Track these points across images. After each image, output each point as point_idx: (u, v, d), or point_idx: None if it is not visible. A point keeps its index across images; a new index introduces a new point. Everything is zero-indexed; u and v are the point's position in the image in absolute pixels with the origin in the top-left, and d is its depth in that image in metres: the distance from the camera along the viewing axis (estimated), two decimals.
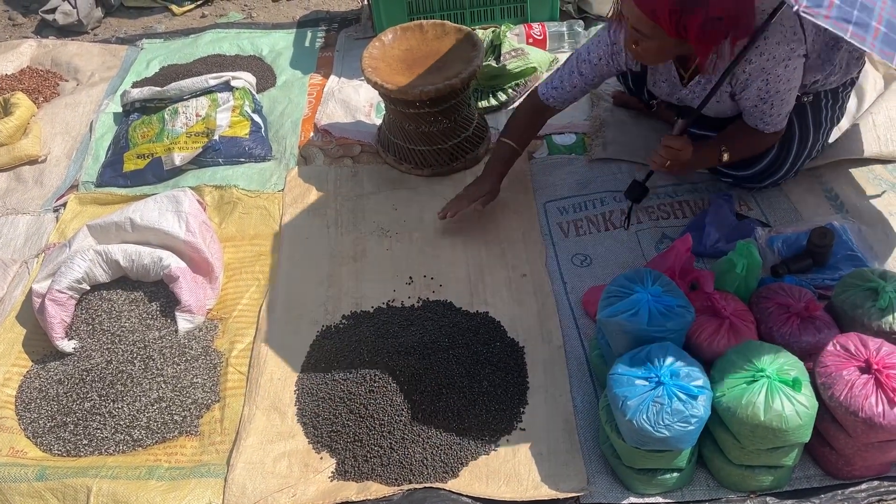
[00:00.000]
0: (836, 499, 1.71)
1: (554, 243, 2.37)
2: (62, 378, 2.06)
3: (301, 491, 1.80)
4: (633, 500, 1.74)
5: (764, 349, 1.67)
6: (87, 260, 2.16)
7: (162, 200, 2.35)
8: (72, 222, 2.57)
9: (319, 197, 2.59)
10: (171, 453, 1.92)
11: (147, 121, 2.83)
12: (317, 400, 1.98)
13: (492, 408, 1.92)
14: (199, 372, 2.07)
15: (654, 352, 1.66)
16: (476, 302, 2.21)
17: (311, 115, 2.93)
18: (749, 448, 1.62)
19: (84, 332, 2.15)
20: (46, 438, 1.95)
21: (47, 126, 3.00)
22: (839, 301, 1.85)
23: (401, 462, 1.81)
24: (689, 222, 2.34)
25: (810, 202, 2.38)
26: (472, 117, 2.63)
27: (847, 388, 1.59)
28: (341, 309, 2.22)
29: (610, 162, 2.60)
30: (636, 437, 1.61)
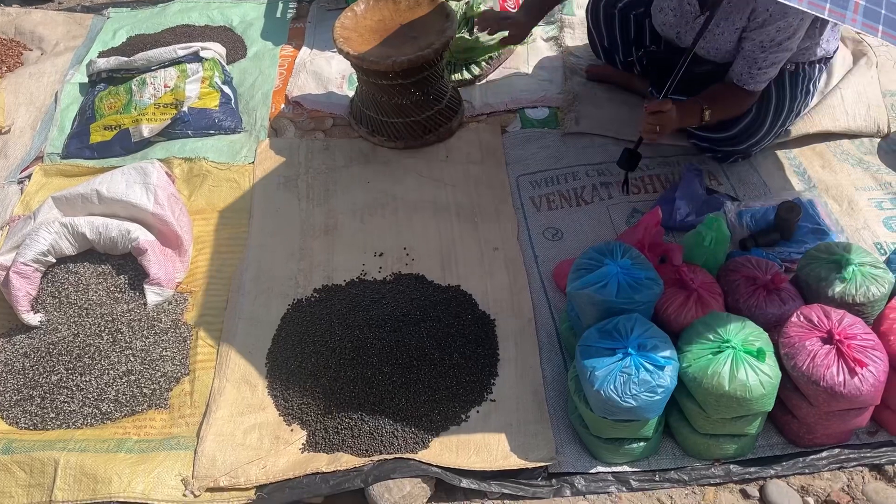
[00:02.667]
0: (798, 466, 1.75)
1: (526, 217, 2.37)
2: (28, 351, 2.03)
3: (272, 462, 1.80)
4: (600, 468, 1.77)
5: (730, 320, 1.69)
6: (52, 232, 2.13)
7: (129, 172, 2.31)
8: (37, 194, 2.52)
9: (291, 170, 2.57)
10: (141, 426, 1.91)
11: (114, 91, 2.77)
12: (287, 373, 1.97)
13: (462, 379, 1.93)
14: (168, 345, 2.05)
15: (622, 323, 1.67)
16: (448, 275, 2.21)
17: (282, 86, 2.90)
18: (714, 417, 1.65)
19: (50, 305, 2.11)
20: (13, 412, 1.93)
21: (11, 96, 2.93)
22: (804, 273, 1.88)
23: (371, 433, 1.82)
24: (659, 196, 2.36)
25: (779, 177, 2.40)
26: (445, 90, 2.61)
27: (809, 359, 1.62)
28: (313, 282, 2.22)
29: (583, 136, 2.60)
30: (604, 407, 1.63)
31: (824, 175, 2.40)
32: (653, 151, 2.51)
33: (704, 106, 2.14)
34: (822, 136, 2.51)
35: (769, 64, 2.09)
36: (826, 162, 2.44)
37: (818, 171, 2.41)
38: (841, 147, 2.49)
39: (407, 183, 2.50)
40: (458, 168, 2.54)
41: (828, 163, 2.44)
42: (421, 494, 1.73)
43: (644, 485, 1.75)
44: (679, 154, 2.50)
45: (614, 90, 2.75)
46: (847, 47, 2.81)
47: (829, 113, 2.50)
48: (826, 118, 2.49)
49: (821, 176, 2.40)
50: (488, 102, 2.77)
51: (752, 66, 2.10)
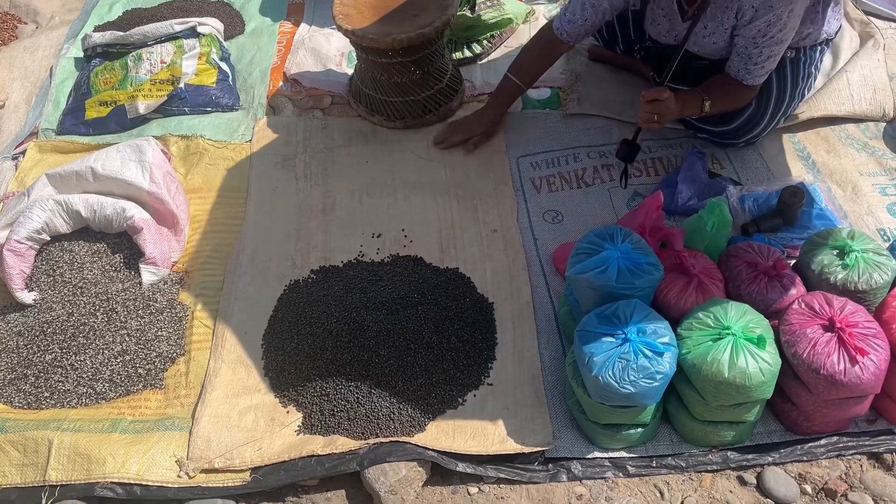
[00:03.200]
0: (796, 453, 1.74)
1: (526, 199, 2.35)
2: (22, 330, 2.01)
3: (267, 444, 1.79)
4: (597, 454, 1.76)
5: (730, 307, 1.67)
6: (46, 210, 2.10)
7: (125, 150, 2.28)
8: (31, 171, 2.49)
9: (288, 149, 2.54)
10: (135, 406, 1.89)
11: (109, 67, 2.73)
12: (284, 354, 1.96)
13: (460, 363, 1.91)
14: (163, 325, 2.04)
15: (621, 308, 1.65)
16: (446, 258, 2.19)
17: (280, 63, 2.86)
18: (713, 404, 1.64)
19: (45, 283, 2.09)
20: (6, 391, 1.91)
21: (5, 70, 2.89)
22: (806, 260, 1.86)
23: (367, 416, 1.81)
24: (661, 180, 2.33)
25: (782, 161, 2.38)
26: (445, 69, 2.57)
27: (810, 346, 1.60)
28: (310, 263, 2.19)
29: (585, 117, 2.57)
30: (602, 393, 1.62)
31: (828, 160, 2.37)
32: (655, 135, 2.48)
33: (705, 97, 2.09)
34: (827, 120, 2.47)
35: (765, 58, 2.04)
36: (831, 146, 2.41)
37: (822, 156, 2.38)
38: (846, 131, 2.46)
39: (406, 164, 2.47)
40: (458, 149, 2.50)
41: (832, 147, 2.41)
42: (417, 478, 1.72)
43: (641, 471, 1.74)
44: (681, 137, 2.47)
45: (617, 71, 2.71)
46: (854, 29, 2.77)
47: (834, 96, 2.47)
48: (831, 102, 2.46)
49: (825, 160, 2.37)
50: (489, 82, 2.73)
51: (747, 63, 2.05)
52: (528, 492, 1.73)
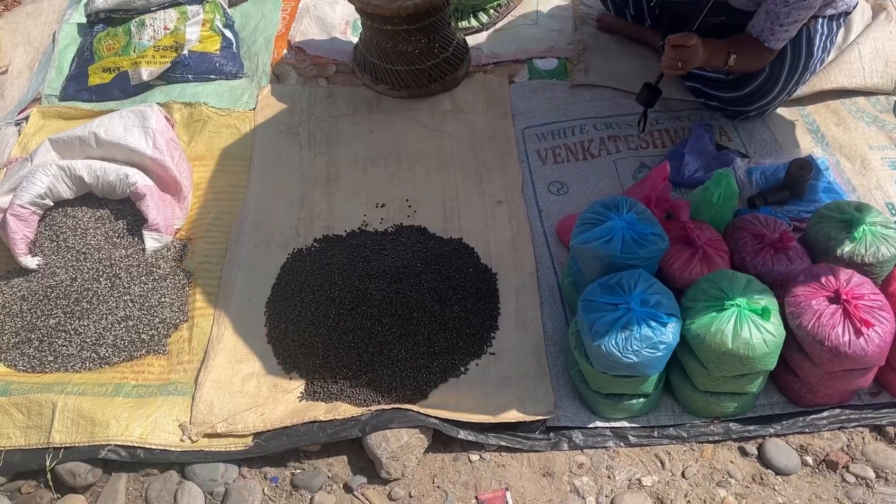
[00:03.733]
0: (798, 425, 1.74)
1: (531, 170, 2.33)
2: (26, 294, 2.02)
3: (269, 410, 1.80)
4: (598, 423, 1.76)
5: (735, 279, 1.66)
6: (49, 175, 2.09)
7: (128, 116, 2.27)
8: (34, 136, 2.48)
9: (292, 117, 2.52)
10: (139, 371, 1.90)
11: (112, 32, 2.71)
12: (287, 321, 1.96)
13: (462, 332, 1.91)
14: (166, 291, 2.04)
15: (625, 278, 1.65)
16: (450, 228, 2.18)
17: (284, 31, 2.83)
18: (715, 375, 1.64)
19: (48, 248, 2.09)
20: (11, 354, 1.92)
21: (8, 36, 2.87)
22: (813, 232, 1.84)
23: (370, 384, 1.81)
24: (668, 151, 2.31)
25: (791, 134, 2.35)
26: (451, 37, 2.54)
27: (815, 318, 1.59)
28: (313, 232, 2.19)
29: (591, 88, 2.54)
30: (604, 363, 1.61)
31: (838, 133, 2.34)
32: (662, 106, 2.45)
33: (731, 49, 2.04)
34: (837, 93, 2.44)
35: (792, 21, 1.99)
36: (840, 119, 2.38)
37: (832, 129, 2.35)
38: (856, 104, 2.43)
39: (410, 133, 2.45)
40: (463, 119, 2.48)
41: (842, 120, 2.38)
42: (418, 445, 1.73)
43: (642, 440, 1.75)
44: (689, 109, 2.45)
45: (625, 42, 2.68)
46: (867, 1, 2.73)
47: (845, 69, 2.43)
48: (842, 74, 2.43)
49: (834, 134, 2.34)
50: (496, 52, 2.70)
51: (773, 23, 2.01)
52: (528, 460, 1.74)
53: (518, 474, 1.72)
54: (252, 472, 1.75)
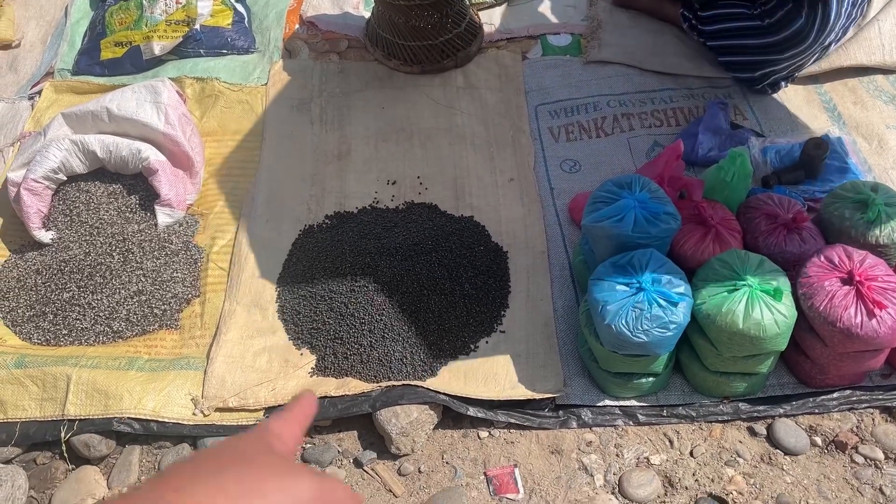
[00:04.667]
0: (808, 406, 1.74)
1: (543, 148, 2.31)
2: (40, 268, 2.03)
3: (281, 385, 1.81)
4: (607, 402, 1.77)
5: (748, 258, 1.65)
6: (62, 149, 2.10)
7: (140, 90, 2.26)
8: (48, 111, 2.49)
9: (304, 93, 2.51)
10: (151, 345, 1.92)
11: (125, 6, 2.69)
12: (298, 298, 1.97)
13: (473, 310, 1.92)
14: (179, 266, 2.05)
15: (636, 258, 1.64)
16: (461, 205, 2.18)
17: (296, 6, 2.81)
18: (726, 355, 1.64)
19: (62, 223, 2.11)
20: (25, 327, 1.94)
21: (20, 10, 2.87)
22: (828, 212, 1.83)
23: (380, 360, 1.82)
24: (681, 130, 2.29)
25: (807, 112, 2.32)
26: (464, 12, 2.52)
27: (827, 299, 1.58)
28: (324, 208, 2.19)
29: (605, 65, 2.51)
30: (614, 342, 1.61)
31: (855, 112, 2.31)
32: (677, 83, 2.43)
33: None
34: (855, 71, 2.40)
35: None
36: (858, 98, 2.35)
37: (849, 108, 2.32)
38: (874, 83, 2.39)
39: (422, 109, 2.44)
40: (476, 95, 2.47)
41: (859, 99, 2.35)
42: (428, 421, 1.74)
43: (651, 419, 1.75)
44: (705, 87, 2.42)
45: (640, 17, 2.64)
46: None
47: (864, 46, 2.39)
48: (861, 51, 2.39)
49: (851, 112, 2.31)
50: (509, 27, 2.67)
51: None
52: (537, 437, 1.75)
53: (527, 451, 1.73)
54: None
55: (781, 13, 2.18)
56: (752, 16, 2.23)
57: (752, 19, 2.24)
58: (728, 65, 2.37)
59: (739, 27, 2.28)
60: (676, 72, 2.45)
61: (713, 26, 2.33)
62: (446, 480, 1.70)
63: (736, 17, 2.28)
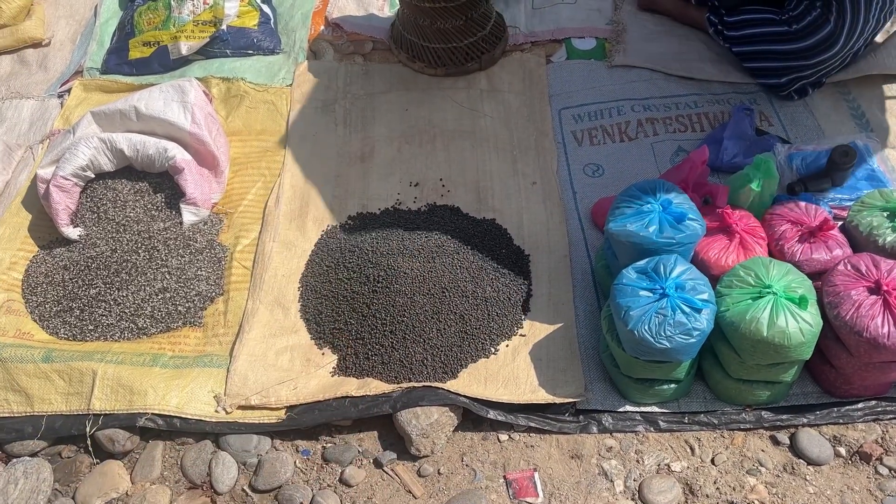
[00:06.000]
0: (832, 416, 1.72)
1: (567, 152, 2.31)
2: (68, 264, 2.06)
3: (302, 384, 1.82)
4: (628, 408, 1.76)
5: (772, 266, 1.64)
6: (91, 147, 2.13)
7: (167, 90, 2.29)
8: (76, 109, 2.52)
9: (329, 94, 2.53)
10: (175, 342, 1.94)
11: (153, 7, 2.73)
12: (320, 297, 1.98)
13: (494, 313, 1.92)
14: (203, 265, 2.07)
15: (660, 263, 1.63)
16: (483, 208, 2.18)
17: (322, 7, 2.82)
18: (749, 363, 1.62)
19: (89, 220, 2.14)
20: (53, 322, 1.97)
21: (51, 9, 2.91)
22: (855, 221, 1.81)
23: (401, 361, 1.83)
24: (706, 135, 2.27)
25: (835, 119, 2.30)
26: (489, 15, 2.52)
27: (854, 308, 1.57)
28: (347, 209, 2.20)
29: (630, 69, 2.50)
30: (636, 347, 1.61)
31: (883, 119, 2.28)
32: (702, 88, 2.42)
33: None
34: (883, 78, 2.38)
35: None
36: (886, 105, 2.32)
37: (877, 115, 2.30)
38: None
39: (446, 112, 2.45)
40: (499, 98, 2.47)
41: (888, 106, 2.32)
42: (448, 423, 1.74)
43: (672, 426, 1.74)
44: (730, 92, 2.40)
45: (665, 22, 2.63)
46: None
47: (893, 52, 2.36)
48: (890, 58, 2.36)
49: (879, 120, 2.29)
50: (534, 31, 2.67)
51: None
52: (557, 442, 1.75)
53: (546, 455, 1.73)
54: (284, 445, 1.78)
55: (809, 18, 2.16)
56: (780, 21, 2.22)
57: (779, 25, 2.22)
58: (754, 70, 2.35)
59: (766, 32, 2.27)
60: (702, 77, 2.44)
61: (739, 31, 2.32)
62: (466, 483, 1.70)
63: (763, 22, 2.27)
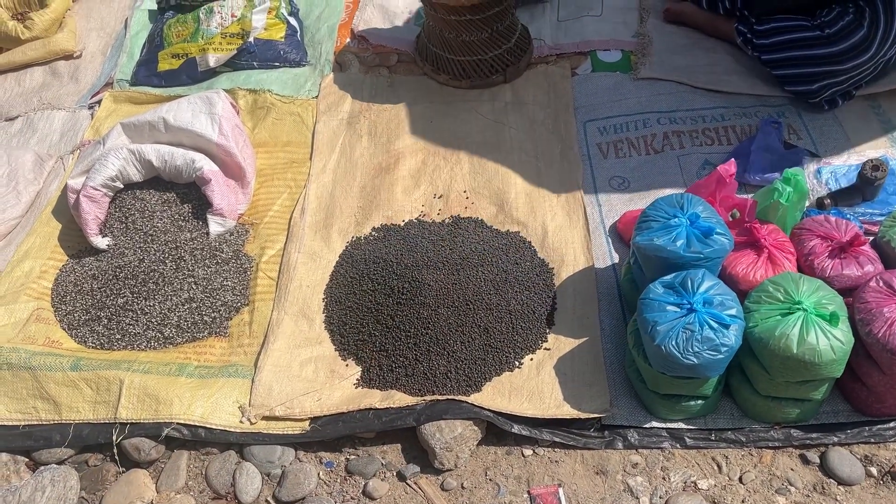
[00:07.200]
0: (863, 435, 1.69)
1: (592, 164, 2.30)
2: (96, 273, 2.09)
3: (326, 395, 1.83)
4: (654, 424, 1.74)
5: (802, 282, 1.62)
6: (120, 158, 2.16)
7: (195, 102, 2.32)
8: (106, 120, 2.56)
9: (354, 106, 2.54)
10: (201, 352, 1.95)
11: (182, 19, 2.77)
12: (344, 309, 1.99)
13: (518, 326, 1.91)
14: (229, 275, 2.09)
15: (687, 278, 1.62)
16: (507, 220, 2.18)
17: (348, 20, 2.85)
18: (778, 380, 1.60)
19: (118, 230, 2.16)
20: (81, 331, 2.00)
21: (82, 21, 2.96)
22: (887, 236, 1.78)
23: (425, 373, 1.83)
24: (734, 148, 2.25)
25: (865, 133, 2.27)
26: (514, 27, 2.53)
27: (886, 326, 1.54)
28: (372, 221, 2.21)
29: (656, 82, 2.49)
30: (663, 363, 1.59)
31: None
32: (729, 101, 2.40)
33: None
34: None
35: None
36: None
37: None
38: None
39: (470, 124, 2.45)
40: (525, 110, 2.47)
41: None
42: (472, 437, 1.74)
43: (699, 443, 1.72)
44: (758, 105, 2.38)
45: (691, 34, 2.62)
46: None
47: None
48: None
49: None
50: (559, 43, 2.67)
51: None
52: (582, 457, 1.73)
53: (571, 471, 1.71)
54: (308, 456, 1.78)
55: (842, 23, 2.15)
56: (812, 27, 2.20)
57: (811, 30, 2.20)
58: (785, 78, 2.32)
59: (798, 38, 2.24)
60: (729, 89, 2.42)
61: (770, 39, 2.30)
62: (489, 497, 1.69)
63: (794, 29, 2.25)
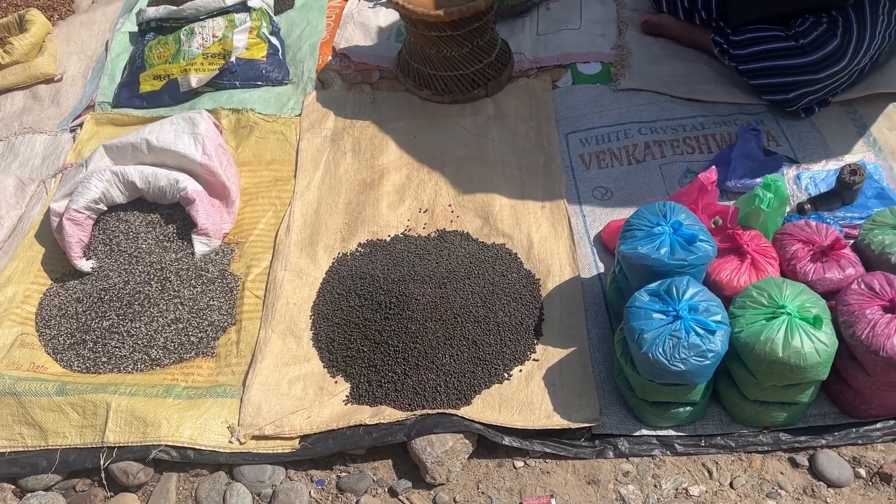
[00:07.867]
0: (850, 436, 1.70)
1: (575, 175, 2.32)
2: (81, 297, 2.07)
3: (316, 413, 1.82)
4: (644, 431, 1.75)
5: (786, 286, 1.63)
6: (103, 180, 2.15)
7: (178, 122, 2.32)
8: (89, 143, 2.56)
9: (337, 123, 2.55)
10: (188, 373, 1.94)
11: (163, 41, 2.77)
12: (332, 325, 1.98)
13: (506, 338, 1.91)
14: (215, 294, 2.08)
15: (672, 285, 1.63)
16: (493, 233, 2.19)
17: (329, 38, 2.86)
18: (765, 384, 1.61)
19: (102, 252, 2.15)
20: (66, 355, 1.98)
21: (62, 45, 2.96)
22: (867, 240, 1.80)
23: (414, 388, 1.82)
24: (714, 156, 2.28)
25: (842, 139, 2.30)
26: (495, 42, 2.55)
27: (869, 328, 1.56)
28: (358, 236, 2.21)
29: (636, 92, 2.52)
30: (651, 371, 1.60)
31: (891, 137, 2.28)
32: (708, 110, 2.43)
33: None
34: (890, 97, 2.38)
35: None
36: (893, 123, 2.32)
37: (885, 134, 2.30)
38: None
39: (453, 138, 2.46)
40: (507, 124, 2.49)
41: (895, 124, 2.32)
42: (463, 450, 1.73)
43: (689, 449, 1.73)
44: (737, 113, 2.41)
45: (669, 45, 2.65)
46: None
47: None
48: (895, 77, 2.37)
49: (887, 138, 2.29)
50: (539, 56, 2.69)
51: None
52: (573, 467, 1.73)
53: (563, 481, 1.71)
54: (299, 475, 1.77)
55: (816, 34, 2.18)
56: (786, 37, 2.24)
57: (785, 41, 2.24)
58: (761, 87, 2.36)
59: (773, 49, 2.28)
60: (708, 98, 2.45)
61: (746, 49, 2.33)
62: None
63: (769, 39, 2.28)
